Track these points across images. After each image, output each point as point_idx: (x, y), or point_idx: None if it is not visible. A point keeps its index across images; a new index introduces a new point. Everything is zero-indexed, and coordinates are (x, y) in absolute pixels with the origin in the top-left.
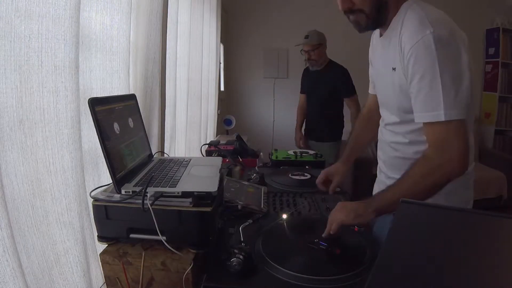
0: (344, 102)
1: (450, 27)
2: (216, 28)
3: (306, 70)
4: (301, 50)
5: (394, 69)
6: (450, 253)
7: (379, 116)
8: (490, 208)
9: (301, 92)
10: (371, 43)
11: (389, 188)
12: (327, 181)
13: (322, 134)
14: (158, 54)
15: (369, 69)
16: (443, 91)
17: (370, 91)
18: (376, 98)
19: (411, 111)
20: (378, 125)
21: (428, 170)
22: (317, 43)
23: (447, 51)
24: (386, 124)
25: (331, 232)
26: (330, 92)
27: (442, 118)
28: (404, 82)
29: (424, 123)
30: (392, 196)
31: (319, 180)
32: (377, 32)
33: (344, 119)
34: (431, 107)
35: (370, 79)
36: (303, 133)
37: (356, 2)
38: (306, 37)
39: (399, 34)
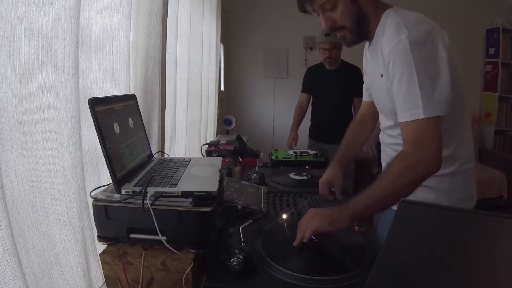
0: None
1: (426, 29)
2: (216, 28)
3: (313, 70)
4: (318, 47)
5: (382, 76)
6: (450, 253)
7: (371, 121)
8: (490, 208)
9: (303, 91)
10: (364, 54)
11: (365, 190)
12: (330, 190)
13: (333, 136)
14: (158, 54)
15: (364, 77)
16: (420, 89)
17: (364, 98)
18: (368, 105)
19: None
20: (370, 130)
21: (404, 168)
22: (338, 42)
23: (423, 52)
24: (384, 128)
25: (304, 240)
26: (344, 91)
27: (421, 116)
28: (389, 86)
29: (402, 122)
30: (368, 198)
31: (323, 192)
32: (368, 43)
33: None
34: (410, 106)
35: (364, 87)
36: (308, 135)
37: (337, 20)
38: (327, 34)
39: (381, 41)
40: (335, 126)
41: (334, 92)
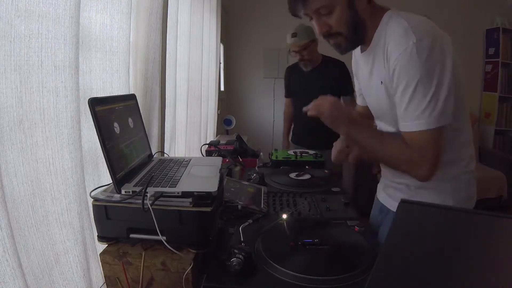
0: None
1: (432, 33)
2: (216, 28)
3: (292, 70)
4: (290, 50)
5: (382, 82)
6: (450, 253)
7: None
8: (490, 208)
9: (286, 95)
10: (353, 57)
11: (369, 128)
12: (343, 153)
13: (317, 141)
14: (158, 54)
15: (355, 81)
16: (424, 100)
17: (359, 102)
18: (363, 109)
19: None
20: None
21: (401, 155)
22: (308, 41)
23: (430, 59)
24: None
25: (308, 114)
26: (327, 92)
27: (424, 127)
28: (392, 92)
29: (404, 132)
30: (364, 137)
31: (336, 154)
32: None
33: None
34: (413, 117)
35: (357, 92)
36: (290, 140)
37: (333, 26)
38: (294, 35)
39: (383, 46)
40: (320, 131)
41: (316, 93)
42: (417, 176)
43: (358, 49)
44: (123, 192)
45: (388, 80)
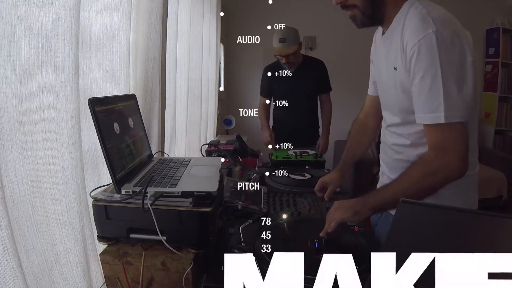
0: (318, 100)
1: (454, 27)
2: (216, 28)
3: (273, 70)
4: (275, 55)
5: (395, 69)
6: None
7: (375, 121)
8: (490, 208)
9: (266, 95)
10: (373, 42)
11: (386, 186)
12: (323, 188)
13: (302, 140)
14: (158, 54)
15: (370, 68)
16: (444, 92)
17: (369, 91)
18: (373, 100)
19: (413, 112)
20: (373, 131)
21: (428, 172)
22: (296, 47)
23: (450, 52)
24: (388, 126)
25: (329, 231)
26: (311, 91)
27: (442, 121)
28: (406, 82)
29: (425, 125)
30: (389, 195)
31: (316, 188)
32: (380, 30)
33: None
34: (431, 109)
35: (370, 79)
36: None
37: None
38: (282, 40)
39: (401, 33)
40: (304, 130)
41: (300, 94)
42: (453, 177)
43: (380, 32)
44: (123, 192)
45: (403, 69)
